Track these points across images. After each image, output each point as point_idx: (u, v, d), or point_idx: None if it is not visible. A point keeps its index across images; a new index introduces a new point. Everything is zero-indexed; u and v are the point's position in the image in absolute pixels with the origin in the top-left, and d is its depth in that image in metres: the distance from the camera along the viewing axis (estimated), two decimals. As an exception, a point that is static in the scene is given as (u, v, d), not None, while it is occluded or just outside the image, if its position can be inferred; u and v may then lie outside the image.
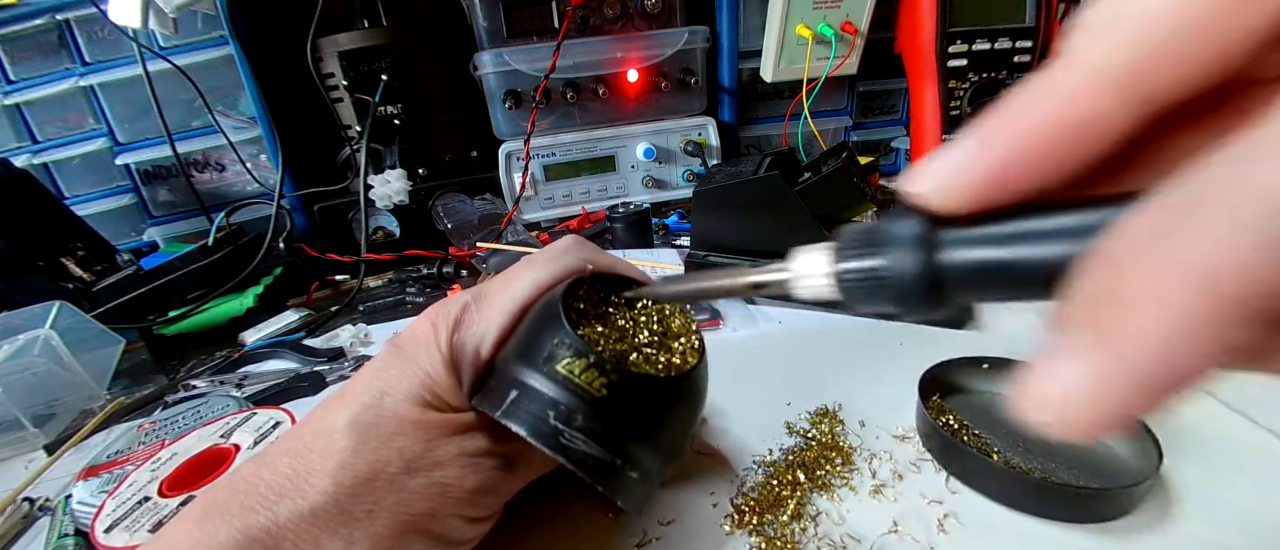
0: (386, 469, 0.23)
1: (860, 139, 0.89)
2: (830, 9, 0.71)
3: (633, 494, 0.24)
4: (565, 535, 0.30)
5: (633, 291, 0.28)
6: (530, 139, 0.72)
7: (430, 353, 0.25)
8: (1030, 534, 0.28)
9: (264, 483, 0.22)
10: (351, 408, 0.24)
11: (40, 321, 0.48)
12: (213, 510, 0.22)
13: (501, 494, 0.26)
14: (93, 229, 0.68)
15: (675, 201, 0.82)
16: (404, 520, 0.23)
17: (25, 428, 0.44)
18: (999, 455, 0.32)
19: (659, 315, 0.29)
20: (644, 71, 0.76)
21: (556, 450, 0.23)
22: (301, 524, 0.21)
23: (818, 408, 0.38)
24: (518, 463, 0.26)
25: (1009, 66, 0.68)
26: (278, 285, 0.68)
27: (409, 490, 0.23)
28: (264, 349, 0.55)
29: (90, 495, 0.35)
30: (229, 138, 0.73)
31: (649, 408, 0.25)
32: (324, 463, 0.22)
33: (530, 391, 0.24)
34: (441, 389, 0.25)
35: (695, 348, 0.28)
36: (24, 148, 0.74)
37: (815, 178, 0.46)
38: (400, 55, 0.70)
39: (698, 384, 0.28)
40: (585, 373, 0.23)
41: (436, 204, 0.77)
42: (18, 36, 0.69)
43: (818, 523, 0.29)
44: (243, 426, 0.39)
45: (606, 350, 0.26)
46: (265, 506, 0.21)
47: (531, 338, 0.26)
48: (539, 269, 0.28)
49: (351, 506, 0.22)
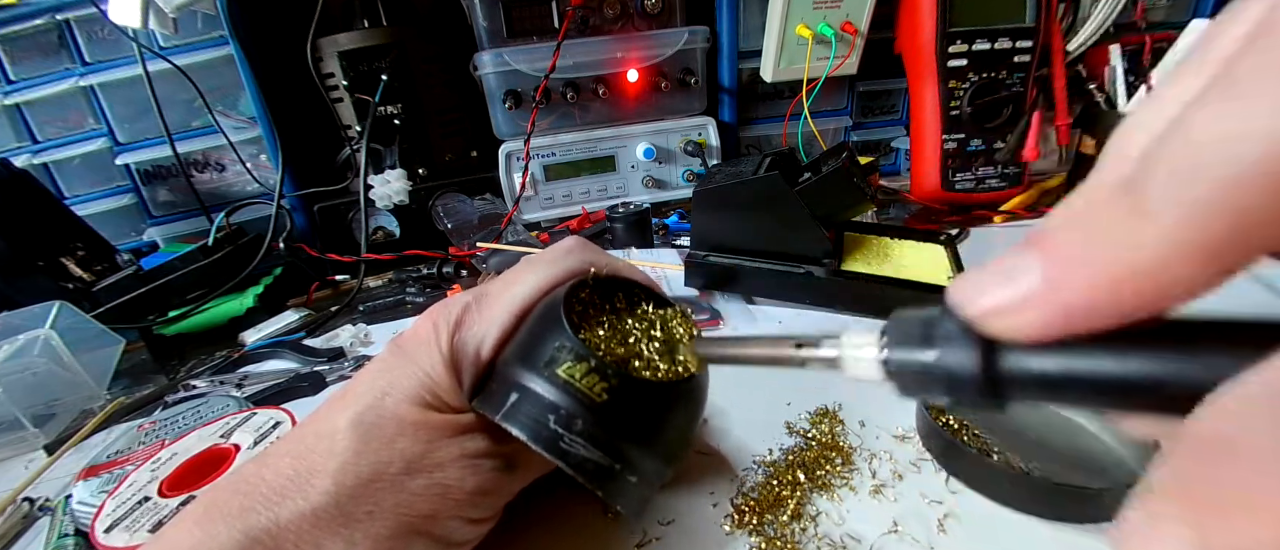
0: (388, 470, 0.23)
1: (860, 139, 0.88)
2: (830, 9, 0.71)
3: (631, 499, 0.24)
4: (565, 535, 0.30)
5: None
6: (530, 139, 0.72)
7: (431, 353, 0.25)
8: (1030, 534, 0.28)
9: (265, 483, 0.22)
10: (353, 408, 0.24)
11: (40, 321, 0.48)
12: (214, 510, 0.22)
13: (502, 495, 0.26)
14: (93, 229, 0.68)
15: (675, 201, 0.82)
16: (405, 521, 0.23)
17: (25, 428, 0.44)
18: (999, 455, 0.32)
19: (661, 320, 0.29)
20: (644, 71, 0.76)
21: (556, 455, 0.23)
22: (303, 525, 0.21)
23: (818, 408, 0.38)
24: (518, 464, 0.26)
25: (1009, 66, 0.68)
26: (278, 285, 0.68)
27: (410, 491, 0.23)
28: (264, 349, 0.55)
29: (90, 495, 0.35)
30: (229, 138, 0.73)
31: (650, 413, 0.25)
32: (326, 463, 0.22)
33: (530, 395, 0.24)
34: (442, 390, 0.25)
35: (697, 353, 0.28)
36: (24, 148, 0.74)
37: (815, 178, 0.46)
38: (400, 55, 0.70)
39: (699, 390, 0.27)
40: (586, 377, 0.23)
41: (436, 204, 0.77)
42: (18, 36, 0.69)
43: (818, 523, 0.29)
44: (243, 426, 0.39)
45: (608, 354, 0.26)
46: (267, 507, 0.21)
47: (533, 340, 0.26)
48: (541, 270, 0.28)
49: (352, 507, 0.22)
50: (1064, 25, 0.70)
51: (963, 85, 0.68)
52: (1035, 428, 0.34)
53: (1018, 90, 0.68)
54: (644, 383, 0.25)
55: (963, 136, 0.69)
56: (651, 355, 0.27)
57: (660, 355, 0.27)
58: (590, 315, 0.28)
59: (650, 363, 0.27)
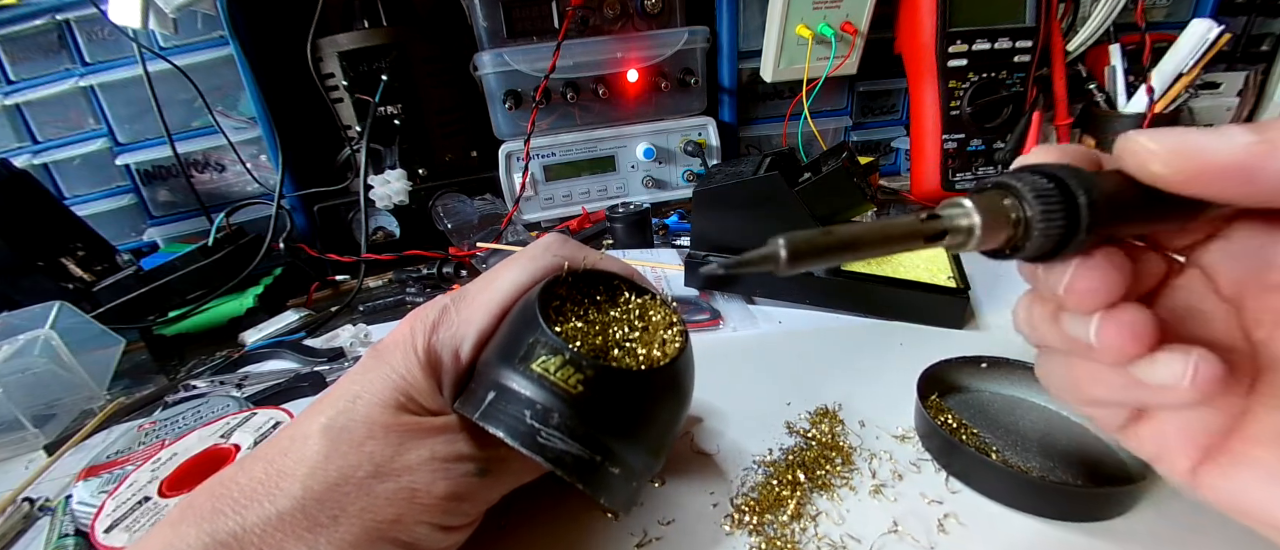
0: (355, 474, 0.22)
1: (860, 139, 0.89)
2: (830, 9, 0.71)
3: (616, 491, 0.24)
4: (565, 535, 0.30)
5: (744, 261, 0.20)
6: (530, 139, 0.72)
7: (407, 356, 0.25)
8: (1030, 533, 0.28)
9: (238, 487, 0.22)
10: (326, 413, 0.24)
11: (40, 322, 0.48)
12: (189, 512, 0.22)
13: (477, 501, 0.26)
14: (93, 229, 0.68)
15: (675, 201, 0.82)
16: (370, 526, 0.22)
17: (25, 428, 0.44)
18: (997, 454, 0.32)
19: (640, 309, 0.28)
20: (644, 71, 0.76)
21: (533, 450, 0.22)
22: (267, 529, 0.21)
23: (818, 407, 0.38)
24: (495, 469, 0.26)
25: (1009, 66, 0.68)
26: (278, 285, 0.68)
27: (375, 495, 0.22)
28: (264, 349, 0.55)
29: (90, 495, 0.35)
30: (229, 138, 0.73)
31: (628, 403, 0.25)
32: (297, 468, 0.22)
33: (507, 392, 0.24)
34: (418, 392, 0.25)
35: (677, 340, 0.28)
36: (24, 148, 0.74)
37: (815, 178, 0.46)
38: (400, 55, 0.70)
39: (679, 377, 0.27)
40: (561, 370, 0.23)
41: (436, 204, 0.77)
42: (18, 36, 0.69)
43: (818, 523, 0.29)
44: (243, 426, 0.39)
45: (585, 346, 0.26)
46: (235, 511, 0.21)
47: (510, 338, 0.25)
48: (519, 268, 0.28)
49: (317, 512, 0.22)
50: (1064, 25, 0.70)
51: (963, 85, 0.68)
52: (1035, 428, 0.34)
53: (1018, 90, 0.68)
54: (620, 372, 0.25)
55: (963, 136, 0.69)
56: (630, 345, 0.27)
57: (639, 344, 0.27)
58: (568, 309, 0.28)
59: (629, 352, 0.26)
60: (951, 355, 0.37)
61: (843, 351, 0.45)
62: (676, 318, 0.29)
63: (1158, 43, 0.70)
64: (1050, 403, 0.35)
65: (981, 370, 0.38)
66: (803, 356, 0.45)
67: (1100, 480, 0.30)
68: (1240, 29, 0.81)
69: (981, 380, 0.38)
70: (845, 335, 0.47)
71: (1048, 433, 0.34)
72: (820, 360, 0.44)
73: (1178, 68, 0.69)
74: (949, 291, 0.46)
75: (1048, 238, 0.17)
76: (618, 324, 0.28)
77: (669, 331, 0.28)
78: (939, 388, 0.37)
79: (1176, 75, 0.70)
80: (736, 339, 0.48)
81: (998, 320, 0.47)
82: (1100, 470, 0.31)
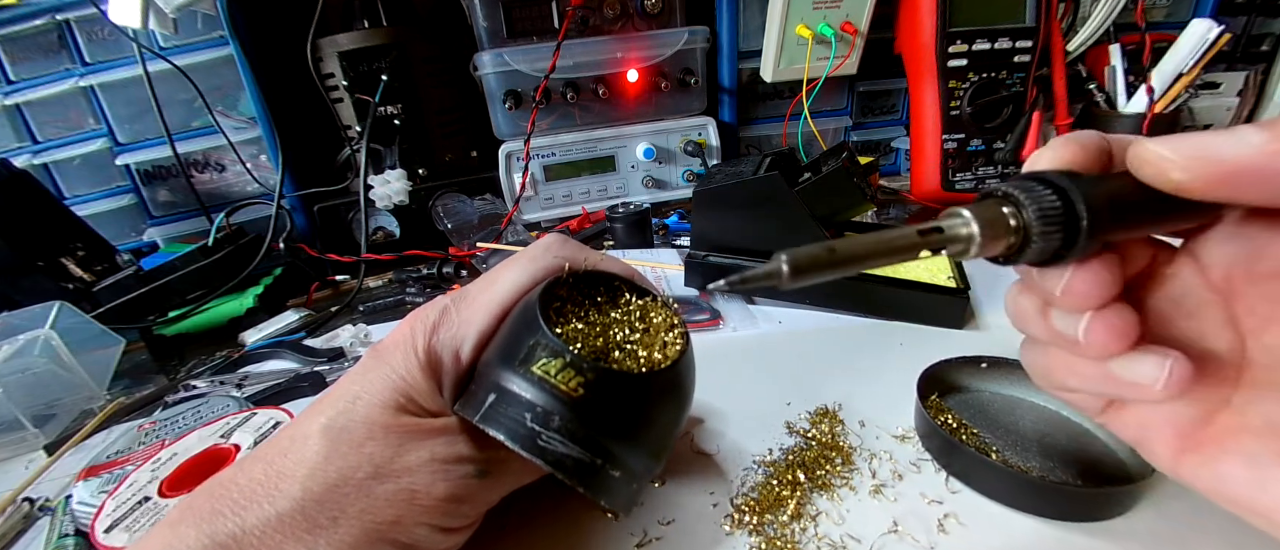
0: (355, 475, 0.22)
1: (860, 139, 0.88)
2: (830, 9, 0.71)
3: (617, 494, 0.24)
4: (565, 536, 0.30)
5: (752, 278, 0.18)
6: (530, 139, 0.72)
7: (407, 356, 0.25)
8: (1030, 533, 0.28)
9: (237, 488, 0.22)
10: (326, 413, 0.24)
11: (40, 321, 0.48)
12: (188, 513, 0.22)
13: (476, 503, 0.26)
14: (93, 229, 0.68)
15: (675, 201, 0.82)
16: (370, 528, 0.22)
17: (25, 428, 0.44)
18: (997, 454, 0.32)
19: (641, 311, 0.28)
20: (644, 71, 0.76)
21: (534, 453, 0.22)
22: (267, 530, 0.21)
23: (818, 407, 0.38)
24: (495, 470, 0.25)
25: (1009, 66, 0.68)
26: (278, 285, 0.68)
27: (375, 496, 0.22)
28: (264, 349, 0.55)
29: (90, 495, 0.35)
30: (229, 138, 0.73)
31: (629, 405, 0.25)
32: (296, 469, 0.22)
33: (508, 394, 0.23)
34: (417, 393, 0.25)
35: (678, 343, 0.27)
36: (24, 148, 0.74)
37: (815, 178, 0.46)
38: (400, 55, 0.70)
39: (680, 379, 0.27)
40: (561, 372, 0.23)
41: (436, 204, 0.77)
42: (18, 36, 0.69)
43: (818, 523, 0.29)
44: (243, 426, 0.39)
45: (585, 348, 0.25)
46: (234, 512, 0.21)
47: (510, 339, 0.25)
48: (520, 269, 0.28)
49: (316, 513, 0.22)
50: (1064, 25, 0.70)
51: (963, 85, 0.68)
52: (1035, 428, 0.34)
53: (1018, 90, 0.68)
54: (621, 375, 0.25)
55: (963, 136, 0.69)
56: (631, 347, 0.27)
57: (640, 346, 0.27)
58: (568, 311, 0.27)
59: (630, 354, 0.26)
60: (951, 355, 0.37)
61: (843, 351, 0.45)
62: (678, 320, 0.29)
63: (1158, 43, 0.70)
64: (1050, 403, 0.35)
65: (981, 370, 0.38)
66: (803, 356, 0.45)
67: (1100, 480, 0.30)
68: (1240, 29, 0.81)
69: (981, 380, 0.38)
70: (845, 335, 0.47)
71: (1048, 433, 0.34)
72: (820, 360, 0.44)
73: (1178, 68, 0.69)
74: (949, 291, 0.46)
75: (1047, 247, 0.17)
76: (619, 325, 0.27)
77: (670, 334, 0.28)
78: (939, 388, 0.37)
79: (1176, 75, 0.70)
80: (736, 339, 0.48)
81: (998, 320, 0.47)
82: (1100, 470, 0.31)
